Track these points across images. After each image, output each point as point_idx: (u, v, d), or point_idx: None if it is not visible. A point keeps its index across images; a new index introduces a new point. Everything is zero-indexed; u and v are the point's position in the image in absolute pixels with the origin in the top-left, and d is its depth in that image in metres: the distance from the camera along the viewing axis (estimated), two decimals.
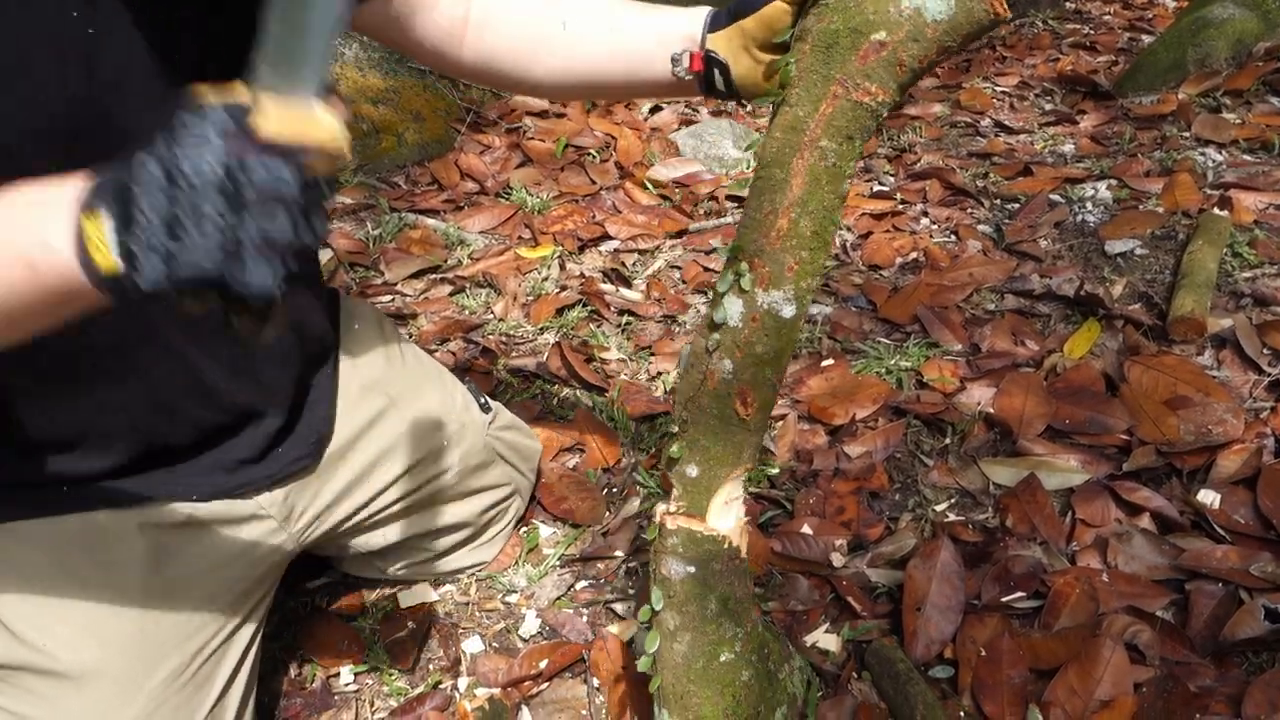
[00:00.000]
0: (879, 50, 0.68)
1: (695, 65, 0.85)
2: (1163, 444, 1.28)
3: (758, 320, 0.76)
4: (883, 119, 0.72)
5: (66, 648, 0.85)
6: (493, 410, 1.20)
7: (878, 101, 0.69)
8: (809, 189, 0.72)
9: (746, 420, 0.79)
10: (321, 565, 1.24)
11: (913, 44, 0.68)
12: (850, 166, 0.72)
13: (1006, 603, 1.11)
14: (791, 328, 0.77)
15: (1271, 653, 1.01)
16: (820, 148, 0.70)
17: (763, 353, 0.77)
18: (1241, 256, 1.69)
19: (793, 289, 0.75)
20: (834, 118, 0.70)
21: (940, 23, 0.66)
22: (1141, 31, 3.35)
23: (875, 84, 0.69)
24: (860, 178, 2.35)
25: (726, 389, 0.78)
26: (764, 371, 0.78)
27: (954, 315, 1.65)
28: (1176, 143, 2.23)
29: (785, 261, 0.74)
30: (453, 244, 2.10)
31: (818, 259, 0.75)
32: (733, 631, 0.83)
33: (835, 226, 0.75)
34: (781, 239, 0.73)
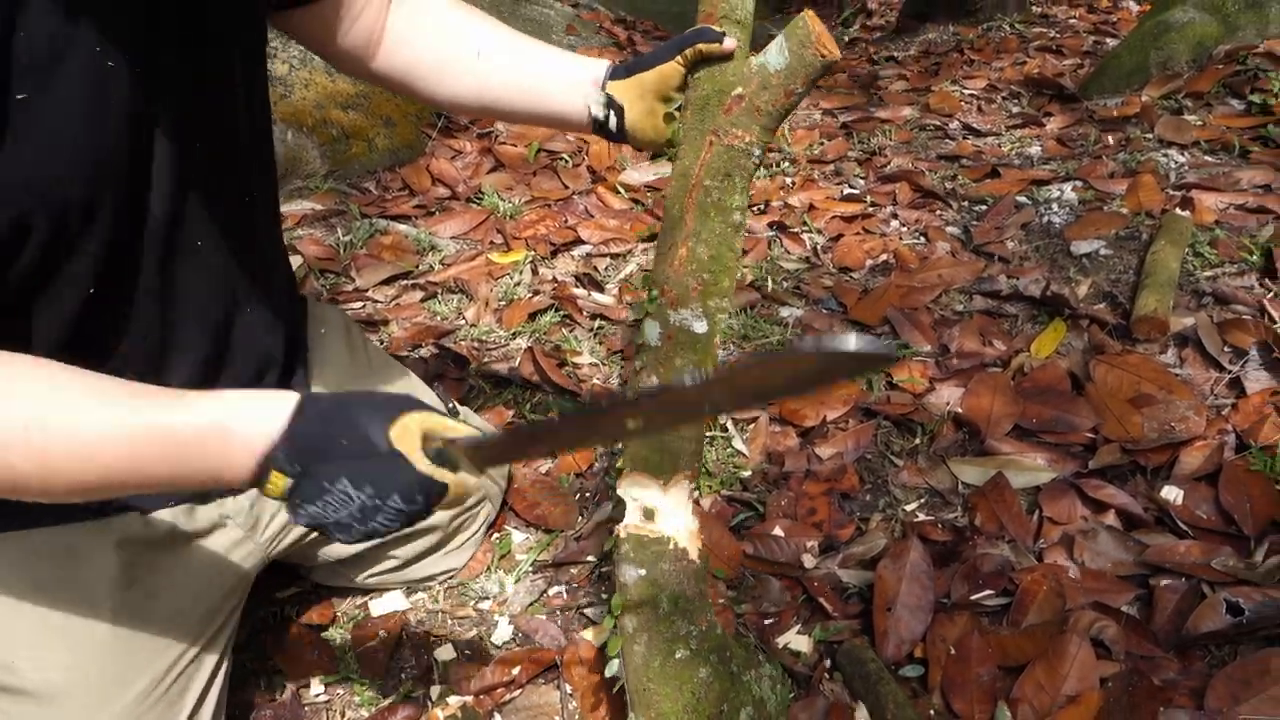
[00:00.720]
0: (739, 102, 0.84)
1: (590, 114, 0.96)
2: (1127, 441, 1.30)
3: (673, 336, 0.86)
4: (757, 159, 0.86)
5: (35, 666, 0.83)
6: (460, 415, 1.20)
7: (745, 143, 0.85)
8: (699, 221, 0.85)
9: (680, 431, 0.87)
10: (291, 575, 1.23)
11: (764, 92, 0.83)
12: (735, 199, 0.85)
13: (975, 601, 1.12)
14: (706, 342, 0.86)
15: (1233, 646, 1.03)
16: (705, 186, 0.85)
17: (682, 366, 0.86)
18: (1203, 256, 1.72)
19: (700, 307, 0.86)
20: (712, 161, 0.85)
21: (781, 72, 0.81)
22: (1106, 35, 3.40)
23: (740, 129, 0.85)
24: (831, 180, 2.37)
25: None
26: None
27: (923, 316, 1.66)
28: (1140, 144, 2.27)
29: (688, 284, 0.86)
30: (424, 249, 2.09)
31: (720, 281, 0.86)
32: (686, 629, 0.85)
33: (733, 252, 0.87)
34: (683, 265, 0.86)
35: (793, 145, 2.62)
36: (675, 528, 0.87)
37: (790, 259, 1.98)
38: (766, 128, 0.85)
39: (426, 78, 1.02)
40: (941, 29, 3.77)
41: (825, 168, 2.46)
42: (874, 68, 3.42)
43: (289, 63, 2.41)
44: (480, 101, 1.02)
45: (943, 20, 3.81)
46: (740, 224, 0.87)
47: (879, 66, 3.43)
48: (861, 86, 3.16)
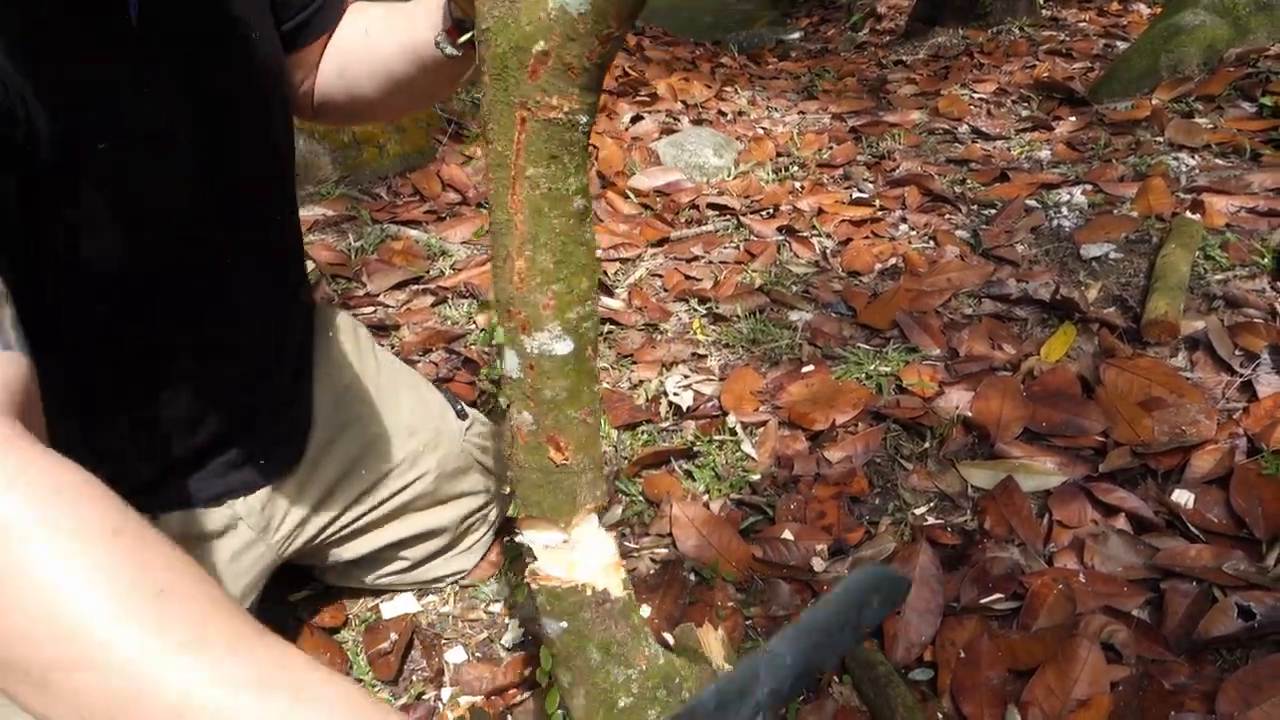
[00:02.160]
0: (544, 61, 0.63)
1: (454, 35, 0.84)
2: (1138, 445, 1.30)
3: (534, 366, 0.73)
4: (586, 126, 0.67)
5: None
6: (470, 418, 1.20)
7: (565, 113, 0.65)
8: (533, 222, 0.68)
9: (566, 464, 0.76)
10: (304, 577, 1.24)
11: (571, 44, 0.63)
12: (571, 182, 0.68)
13: (985, 604, 1.12)
14: (578, 362, 0.73)
15: (1245, 650, 1.02)
16: (528, 178, 0.67)
17: (553, 396, 0.74)
18: (1213, 259, 1.71)
19: (558, 325, 0.71)
20: (529, 144, 0.66)
21: (586, 13, 0.62)
22: (1116, 38, 3.39)
23: (555, 95, 0.64)
24: (839, 185, 2.37)
25: (535, 440, 0.75)
26: (565, 412, 0.74)
27: (932, 320, 1.66)
28: (1150, 148, 2.27)
29: (538, 301, 0.70)
30: (435, 255, 2.10)
31: (576, 285, 0.71)
32: (624, 675, 0.79)
33: (584, 246, 0.71)
34: (524, 280, 0.70)
35: (801, 149, 2.62)
36: (590, 569, 0.78)
37: (799, 263, 1.99)
38: (587, 87, 0.65)
39: (343, 79, 0.97)
40: (950, 33, 3.77)
41: (834, 172, 2.46)
42: (883, 71, 3.42)
43: None
44: (386, 88, 0.95)
45: (952, 24, 3.81)
46: (585, 209, 0.70)
47: (888, 70, 3.43)
48: (870, 90, 3.17)
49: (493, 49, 0.65)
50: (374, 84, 0.95)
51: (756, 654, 0.66)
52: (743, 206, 2.27)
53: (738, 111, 3.03)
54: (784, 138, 2.73)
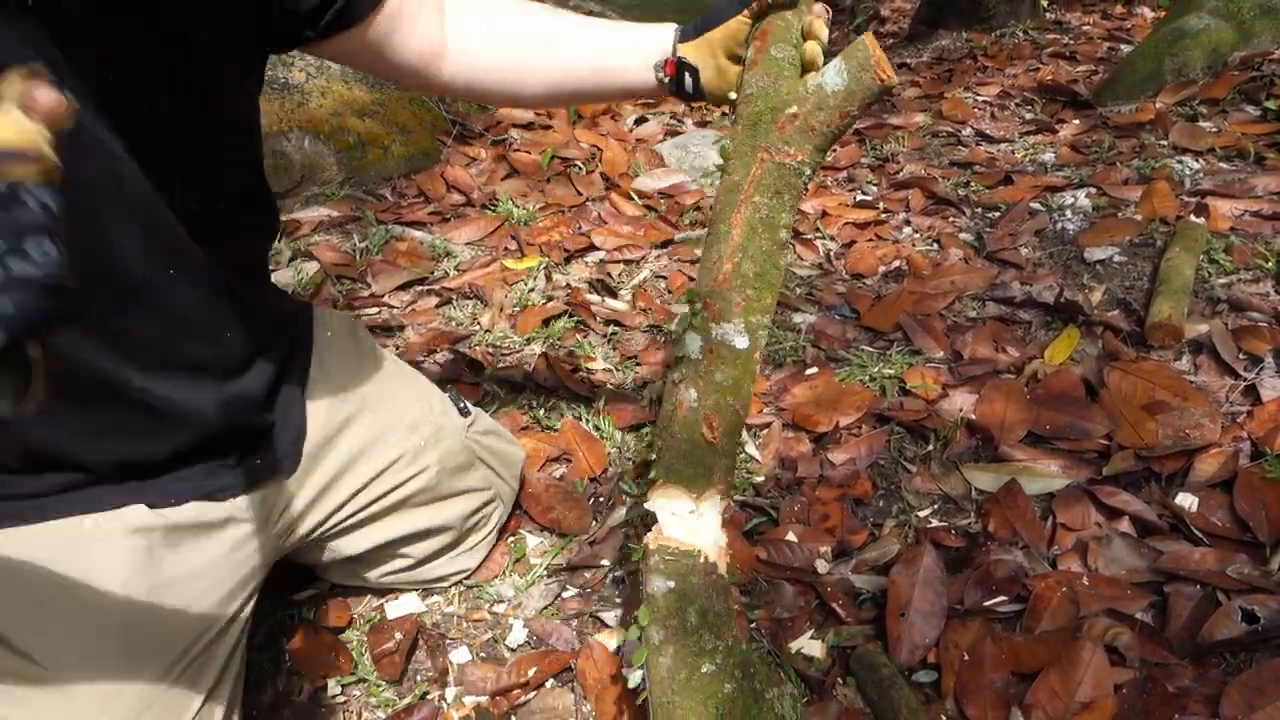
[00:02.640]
0: (793, 121, 0.83)
1: (669, 70, 0.98)
2: (1141, 448, 1.30)
3: (714, 351, 0.86)
4: (806, 180, 0.86)
5: (48, 653, 0.85)
6: (472, 414, 1.21)
7: (798, 161, 0.84)
8: (747, 237, 0.84)
9: (714, 444, 0.86)
10: (308, 577, 1.24)
11: (819, 112, 0.83)
12: (783, 217, 0.85)
13: (989, 607, 1.12)
14: (746, 358, 0.86)
15: (1249, 654, 1.03)
16: (754, 203, 0.84)
17: (721, 380, 0.85)
18: (1218, 263, 1.71)
19: (742, 322, 0.85)
20: (763, 178, 0.84)
21: (838, 93, 0.82)
22: (1120, 41, 3.39)
23: (793, 147, 0.84)
24: (844, 187, 2.37)
25: (694, 416, 0.86)
26: (725, 398, 0.85)
27: (936, 323, 1.67)
28: (1154, 151, 2.27)
29: (733, 299, 0.85)
30: (439, 256, 2.11)
31: (764, 297, 0.85)
32: (713, 644, 0.84)
33: (778, 270, 0.87)
34: (728, 280, 0.85)
35: None
36: (705, 541, 0.87)
37: (803, 265, 1.99)
38: (819, 148, 0.85)
39: (502, 81, 1.02)
40: (954, 35, 3.77)
41: (838, 174, 2.46)
42: None
43: (305, 70, 2.44)
44: (553, 93, 1.03)
45: (956, 27, 3.81)
46: (785, 242, 0.87)
47: None
48: None
49: (751, 107, 0.88)
50: (546, 89, 1.03)
51: None
52: None
53: None
54: None
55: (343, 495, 1.07)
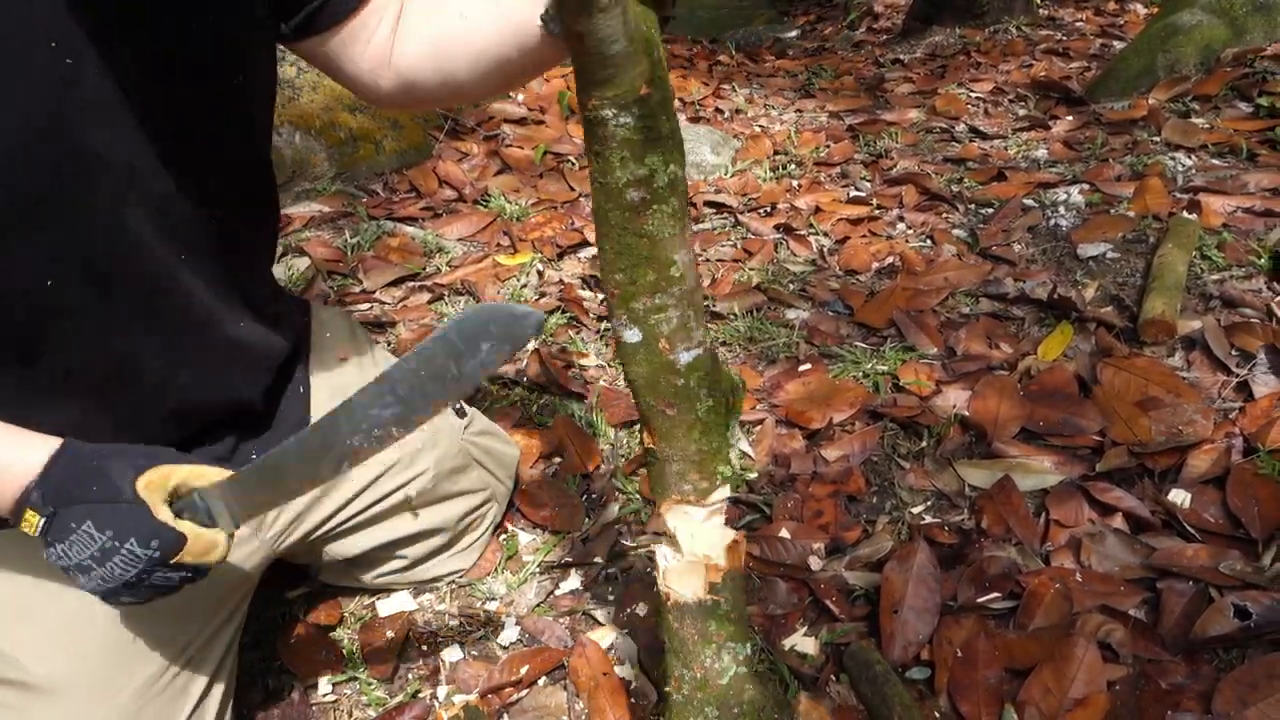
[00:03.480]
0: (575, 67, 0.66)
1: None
2: (1134, 445, 1.30)
3: (617, 346, 0.76)
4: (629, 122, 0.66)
5: (37, 658, 0.84)
6: (468, 415, 1.20)
7: (591, 110, 0.66)
8: (598, 215, 0.71)
9: (654, 450, 0.79)
10: (299, 575, 1.23)
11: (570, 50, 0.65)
12: (616, 178, 0.68)
13: (982, 603, 1.12)
14: (646, 352, 0.74)
15: (1241, 649, 1.03)
16: (590, 171, 0.70)
17: (634, 380, 0.76)
18: (1210, 259, 1.71)
19: (624, 313, 0.73)
20: (586, 137, 0.69)
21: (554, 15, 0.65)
22: (1113, 38, 3.40)
23: (582, 95, 0.66)
24: (837, 183, 2.37)
25: (641, 415, 0.79)
26: (645, 400, 0.77)
27: (929, 319, 1.66)
28: (1147, 147, 2.27)
29: (608, 289, 0.73)
30: (431, 251, 2.10)
31: (639, 278, 0.71)
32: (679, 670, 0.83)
33: (645, 238, 0.70)
34: (601, 268, 0.73)
35: (799, 148, 2.62)
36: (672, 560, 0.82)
37: (796, 261, 1.98)
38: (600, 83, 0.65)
39: (438, 66, 0.93)
40: (948, 32, 3.77)
41: (831, 170, 2.46)
42: (880, 70, 3.42)
43: (297, 65, 2.42)
44: (485, 69, 0.92)
45: (949, 23, 3.81)
46: (643, 201, 0.69)
47: (885, 69, 3.43)
48: (867, 89, 3.16)
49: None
50: (470, 66, 0.92)
51: (338, 408, 0.75)
52: (740, 204, 2.27)
53: (735, 109, 3.02)
54: (781, 136, 2.73)
55: (340, 499, 1.07)
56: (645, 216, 0.69)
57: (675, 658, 0.83)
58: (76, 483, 0.73)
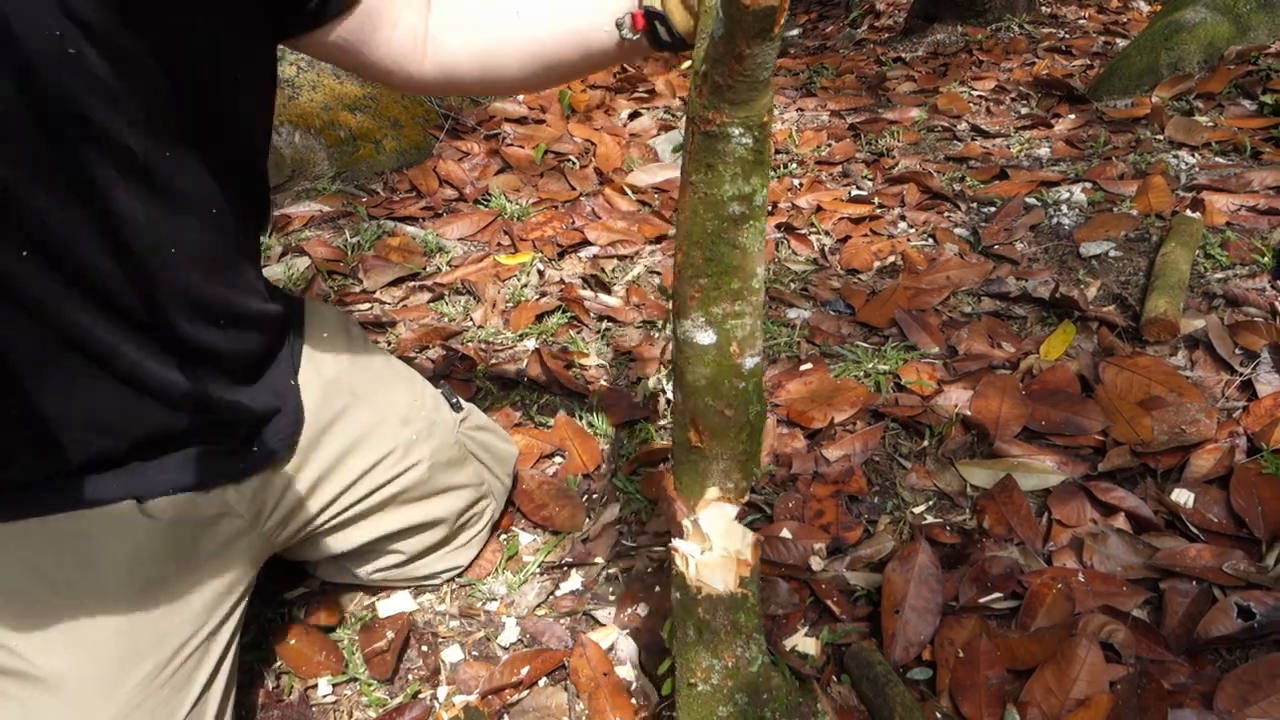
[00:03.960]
0: (705, 80, 0.71)
1: (639, 24, 0.88)
2: (1137, 444, 1.29)
3: (681, 349, 0.80)
4: (748, 142, 0.72)
5: (39, 652, 0.84)
6: (465, 410, 1.20)
7: (719, 126, 0.71)
8: (691, 222, 0.76)
9: (699, 447, 0.82)
10: (299, 575, 1.23)
11: (717, 65, 0.68)
12: (725, 190, 0.73)
13: (984, 604, 1.11)
14: (717, 354, 0.79)
15: (1244, 650, 1.02)
16: (692, 183, 0.74)
17: (693, 381, 0.80)
18: (1214, 258, 1.71)
19: (701, 316, 0.77)
20: (695, 153, 0.74)
21: (721, 37, 0.68)
22: (1116, 36, 3.39)
23: (711, 111, 0.71)
24: (838, 182, 2.36)
25: (682, 418, 0.82)
26: (703, 400, 0.80)
27: (931, 318, 1.66)
28: (1150, 146, 2.26)
29: (686, 291, 0.78)
30: (431, 251, 2.10)
31: (725, 284, 0.76)
32: (709, 662, 0.84)
33: (738, 249, 0.76)
34: (680, 272, 0.78)
35: (800, 147, 2.62)
36: (706, 553, 0.85)
37: (798, 260, 1.98)
38: (736, 103, 0.71)
39: (484, 63, 0.95)
40: (950, 30, 3.76)
41: (833, 169, 2.45)
42: (881, 69, 3.41)
43: (297, 64, 2.42)
44: (531, 68, 0.95)
45: (951, 21, 3.80)
46: (742, 215, 0.75)
47: (886, 68, 3.42)
48: (869, 88, 3.16)
49: (692, 71, 0.74)
50: (522, 63, 0.94)
51: None
52: None
53: None
54: (782, 135, 2.73)
55: (335, 490, 1.06)
56: (742, 229, 0.75)
57: (705, 649, 0.85)
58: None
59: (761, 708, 0.86)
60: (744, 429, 0.83)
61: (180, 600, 0.92)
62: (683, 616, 0.86)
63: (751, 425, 0.83)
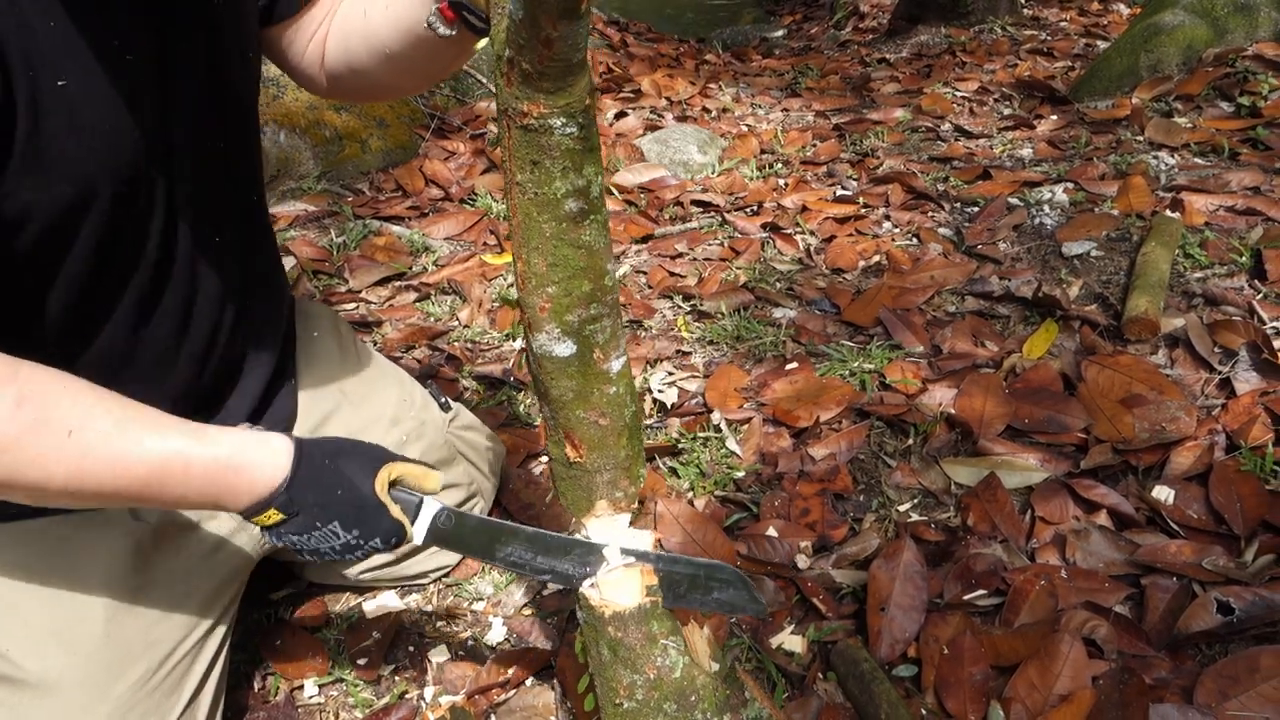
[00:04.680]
0: (512, 69, 0.63)
1: (449, 15, 0.84)
2: (1119, 442, 1.31)
3: (540, 366, 0.76)
4: (572, 131, 0.65)
5: (31, 655, 0.83)
6: (453, 410, 1.20)
7: (537, 117, 0.64)
8: (525, 227, 0.69)
9: (582, 462, 0.79)
10: (285, 575, 1.23)
11: (525, 50, 0.61)
12: (558, 186, 0.67)
13: (968, 601, 1.12)
14: (580, 364, 0.74)
15: (1224, 645, 1.03)
16: (519, 183, 0.68)
17: (559, 396, 0.76)
18: (1193, 257, 1.73)
19: (556, 327, 0.72)
20: (516, 150, 0.67)
21: (522, 19, 0.60)
22: (1096, 38, 3.42)
23: (526, 102, 0.63)
24: (823, 182, 2.37)
25: (555, 434, 0.80)
26: (574, 413, 0.76)
27: (916, 317, 1.67)
28: (1130, 146, 2.28)
29: (535, 303, 0.72)
30: (418, 251, 2.09)
31: (574, 289, 0.71)
32: (629, 679, 0.83)
33: (582, 249, 0.70)
34: (524, 281, 0.72)
35: (785, 147, 2.63)
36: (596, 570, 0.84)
37: (783, 260, 1.99)
38: (553, 91, 0.63)
39: (353, 68, 0.97)
40: (933, 31, 3.79)
41: (818, 169, 2.46)
42: (866, 69, 3.43)
43: None
44: (391, 69, 0.95)
45: (935, 22, 3.82)
46: (579, 211, 0.68)
47: (871, 68, 3.44)
48: (854, 88, 3.17)
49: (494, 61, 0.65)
50: (374, 63, 0.95)
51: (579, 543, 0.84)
52: (727, 203, 2.27)
53: (722, 108, 3.03)
54: (768, 135, 2.74)
55: None
56: (583, 227, 0.69)
57: (623, 666, 0.82)
58: (319, 486, 0.77)
59: (691, 710, 0.84)
60: (622, 434, 0.79)
61: (172, 603, 0.92)
62: (593, 638, 0.84)
63: (629, 428, 0.80)
